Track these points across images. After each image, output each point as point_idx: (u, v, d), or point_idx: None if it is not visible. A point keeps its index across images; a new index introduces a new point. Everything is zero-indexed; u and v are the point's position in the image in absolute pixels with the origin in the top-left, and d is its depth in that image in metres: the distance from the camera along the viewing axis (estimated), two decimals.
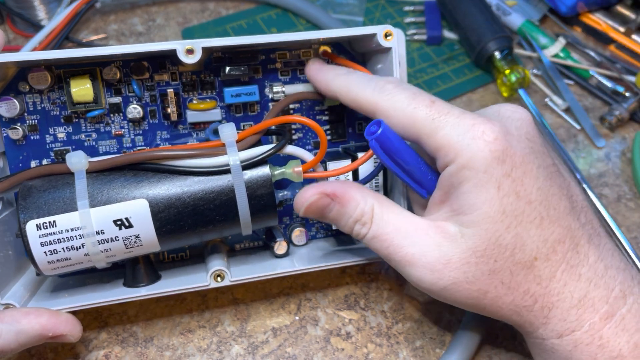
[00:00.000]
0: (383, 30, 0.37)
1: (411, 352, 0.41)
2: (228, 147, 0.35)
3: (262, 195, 0.35)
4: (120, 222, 0.33)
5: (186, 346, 0.40)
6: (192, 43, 0.35)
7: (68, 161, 0.34)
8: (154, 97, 0.39)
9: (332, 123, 0.42)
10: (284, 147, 0.36)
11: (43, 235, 0.33)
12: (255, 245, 0.43)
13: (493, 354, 0.41)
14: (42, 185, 0.34)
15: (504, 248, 0.31)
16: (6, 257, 0.37)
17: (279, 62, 0.41)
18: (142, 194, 0.34)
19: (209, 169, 0.34)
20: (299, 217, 0.42)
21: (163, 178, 0.34)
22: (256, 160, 0.35)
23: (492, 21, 0.55)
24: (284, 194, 0.38)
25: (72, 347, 0.40)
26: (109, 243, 0.33)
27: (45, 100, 0.38)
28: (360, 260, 0.39)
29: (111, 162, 0.35)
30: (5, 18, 0.53)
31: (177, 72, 0.39)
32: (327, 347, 0.41)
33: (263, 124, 0.36)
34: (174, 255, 0.42)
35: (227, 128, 0.35)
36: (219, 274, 0.37)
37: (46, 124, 0.39)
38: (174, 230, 0.34)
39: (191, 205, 0.34)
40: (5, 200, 0.38)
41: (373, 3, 0.60)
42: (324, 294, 0.43)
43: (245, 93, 0.39)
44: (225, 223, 0.35)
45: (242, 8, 0.58)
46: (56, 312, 0.35)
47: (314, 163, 0.36)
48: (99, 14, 0.56)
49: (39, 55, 0.35)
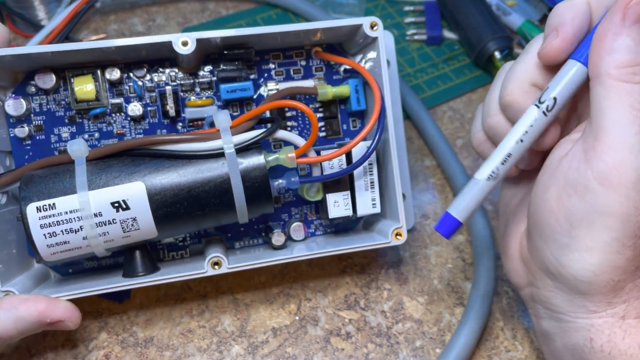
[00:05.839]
0: (369, 21, 0.39)
1: (411, 352, 0.41)
2: (222, 132, 0.36)
3: (256, 177, 0.36)
4: (117, 204, 0.34)
5: (186, 346, 0.41)
6: (187, 36, 0.37)
7: (69, 148, 0.35)
8: (154, 98, 0.41)
9: (326, 119, 0.43)
10: (275, 132, 0.37)
11: (43, 218, 0.33)
12: (254, 243, 0.43)
13: (493, 354, 0.41)
14: (43, 172, 0.35)
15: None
16: (9, 255, 0.37)
17: (272, 62, 0.42)
18: (139, 177, 0.35)
19: (203, 152, 0.36)
20: (298, 214, 0.43)
21: (160, 163, 0.35)
22: (249, 143, 0.36)
23: (492, 21, 0.55)
24: (280, 182, 0.38)
25: (72, 347, 0.40)
26: (107, 226, 0.34)
27: (50, 101, 0.40)
28: (359, 247, 0.39)
29: (110, 148, 0.36)
30: (5, 18, 0.53)
31: (176, 73, 0.41)
32: (327, 347, 0.41)
33: (256, 109, 0.38)
34: (174, 254, 0.42)
35: (222, 115, 0.37)
36: (217, 262, 0.37)
37: (51, 124, 0.40)
38: (170, 214, 0.35)
39: (187, 188, 0.35)
40: (10, 194, 0.39)
41: (373, 3, 0.60)
42: (324, 294, 0.43)
43: (240, 89, 0.40)
44: (220, 206, 0.36)
45: (242, 8, 0.58)
46: (54, 299, 0.35)
47: (307, 147, 0.37)
48: (99, 14, 0.56)
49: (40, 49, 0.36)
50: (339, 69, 0.43)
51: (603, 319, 0.30)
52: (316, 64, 0.43)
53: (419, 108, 0.51)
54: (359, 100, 0.42)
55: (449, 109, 0.54)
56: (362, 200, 0.40)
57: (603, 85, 0.29)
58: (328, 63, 0.43)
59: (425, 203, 0.48)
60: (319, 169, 0.39)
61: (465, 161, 0.50)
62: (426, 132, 0.50)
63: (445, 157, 0.49)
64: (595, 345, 0.30)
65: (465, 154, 0.51)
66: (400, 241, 0.39)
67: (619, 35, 0.28)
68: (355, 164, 0.38)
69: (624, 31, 0.28)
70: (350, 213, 0.40)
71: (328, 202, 0.40)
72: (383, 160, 0.42)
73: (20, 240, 0.39)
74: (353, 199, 0.40)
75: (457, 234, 0.47)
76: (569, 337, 0.32)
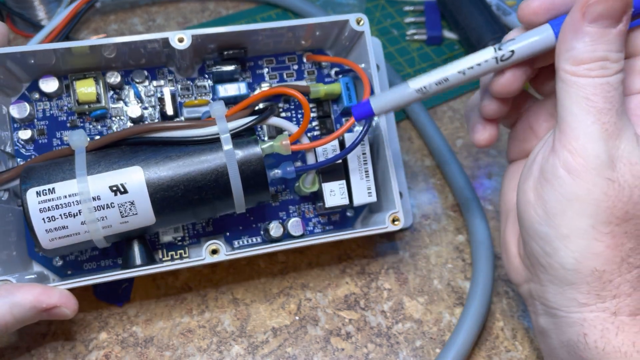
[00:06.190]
0: (355, 17, 0.41)
1: (411, 352, 0.41)
2: (218, 119, 0.37)
3: (251, 160, 0.36)
4: (115, 187, 0.35)
5: (186, 346, 0.41)
6: (182, 32, 0.38)
7: (70, 138, 0.36)
8: (153, 101, 0.42)
9: (320, 119, 0.44)
10: (268, 118, 0.38)
11: (42, 202, 0.34)
12: (253, 241, 0.43)
13: (493, 354, 0.41)
14: (44, 163, 0.36)
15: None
16: (9, 257, 0.37)
17: (266, 67, 0.44)
18: (137, 162, 0.36)
19: (199, 138, 0.37)
20: (295, 212, 0.43)
21: (157, 149, 0.36)
22: (244, 128, 0.37)
23: (492, 21, 0.55)
24: (275, 172, 0.39)
25: (72, 347, 0.40)
26: (105, 210, 0.35)
27: (53, 107, 0.41)
28: (358, 232, 0.39)
29: (109, 137, 0.37)
30: (5, 18, 0.53)
31: (174, 77, 0.43)
32: (327, 347, 0.41)
33: (250, 98, 0.39)
34: (173, 253, 0.42)
35: (217, 104, 0.38)
36: (215, 249, 0.37)
37: (54, 129, 0.41)
38: (167, 198, 0.36)
39: (183, 171, 0.36)
40: (12, 192, 0.39)
41: (373, 3, 0.60)
42: (324, 294, 0.43)
43: (235, 89, 0.42)
44: (217, 190, 0.36)
45: (242, 8, 0.58)
46: (50, 287, 0.35)
47: (300, 133, 0.38)
48: (99, 14, 0.56)
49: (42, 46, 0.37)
50: (330, 71, 0.45)
51: (594, 313, 0.30)
52: (308, 68, 0.45)
53: (419, 108, 0.51)
54: (350, 97, 0.43)
55: (449, 109, 0.54)
56: (358, 190, 0.41)
57: (562, 80, 0.30)
58: (319, 67, 0.45)
59: (425, 203, 0.48)
60: (313, 157, 0.40)
61: (465, 161, 0.50)
62: (425, 132, 0.50)
63: (444, 158, 0.49)
64: (589, 340, 0.30)
65: (465, 154, 0.51)
66: (397, 226, 0.39)
67: (577, 33, 0.29)
68: (349, 147, 0.39)
69: (583, 29, 0.29)
70: (347, 202, 0.41)
71: (324, 191, 0.40)
72: (377, 154, 0.42)
73: (20, 242, 0.39)
74: (349, 189, 0.41)
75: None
76: (564, 333, 0.32)
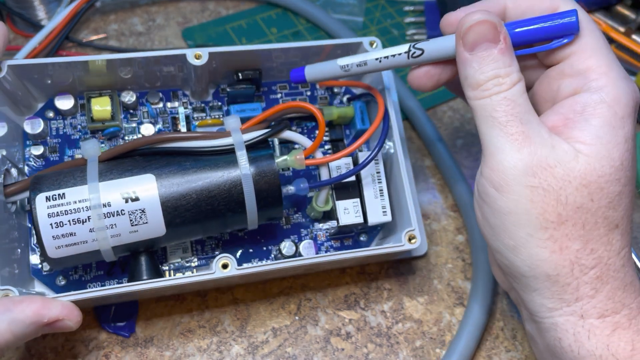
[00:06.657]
0: (368, 40, 0.42)
1: (411, 352, 0.41)
2: (232, 131, 0.37)
3: (266, 173, 0.36)
4: (127, 194, 0.34)
5: (186, 346, 0.41)
6: (199, 50, 0.40)
7: (83, 147, 0.36)
8: (167, 121, 0.43)
9: (332, 142, 0.44)
10: (282, 131, 0.38)
11: (51, 207, 0.33)
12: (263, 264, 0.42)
13: (493, 354, 0.41)
14: (54, 171, 0.36)
15: (605, 195, 0.30)
16: (11, 274, 0.36)
17: (280, 92, 0.45)
18: (149, 171, 0.35)
19: (214, 149, 0.37)
20: (307, 235, 0.42)
21: (171, 159, 0.36)
22: (258, 140, 0.37)
23: None
24: (289, 188, 0.38)
25: (72, 347, 0.40)
26: (115, 217, 0.34)
27: (67, 125, 0.42)
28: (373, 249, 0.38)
29: (122, 147, 0.36)
30: (5, 18, 0.53)
31: (188, 100, 0.43)
32: (327, 347, 0.41)
33: (264, 113, 0.39)
34: (181, 274, 0.40)
35: (232, 118, 0.38)
36: (225, 263, 0.37)
37: (66, 146, 0.41)
38: (179, 208, 0.35)
39: (196, 181, 0.35)
40: (19, 205, 0.38)
41: (373, 3, 0.60)
42: (324, 294, 0.43)
43: (249, 109, 0.42)
44: (229, 202, 0.36)
45: (242, 8, 0.58)
46: (50, 299, 0.33)
47: (314, 147, 0.38)
48: (99, 14, 0.56)
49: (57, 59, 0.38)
50: (343, 98, 0.45)
51: (563, 317, 0.30)
52: (321, 94, 0.45)
53: (419, 109, 0.51)
54: (363, 120, 0.43)
55: (449, 109, 0.54)
56: (373, 208, 0.40)
57: (471, 106, 0.32)
58: (332, 93, 0.45)
59: (425, 203, 0.48)
60: (326, 174, 0.39)
61: (465, 161, 0.50)
62: (425, 132, 0.50)
63: (443, 158, 0.48)
64: (564, 345, 0.31)
65: (465, 154, 0.51)
66: (414, 245, 0.38)
67: (465, 62, 0.32)
68: (364, 161, 0.38)
69: (467, 58, 0.31)
70: (361, 220, 0.40)
71: (338, 208, 0.40)
72: (390, 174, 0.42)
73: (23, 259, 0.38)
74: (363, 208, 0.40)
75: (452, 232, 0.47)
76: (544, 338, 0.32)
